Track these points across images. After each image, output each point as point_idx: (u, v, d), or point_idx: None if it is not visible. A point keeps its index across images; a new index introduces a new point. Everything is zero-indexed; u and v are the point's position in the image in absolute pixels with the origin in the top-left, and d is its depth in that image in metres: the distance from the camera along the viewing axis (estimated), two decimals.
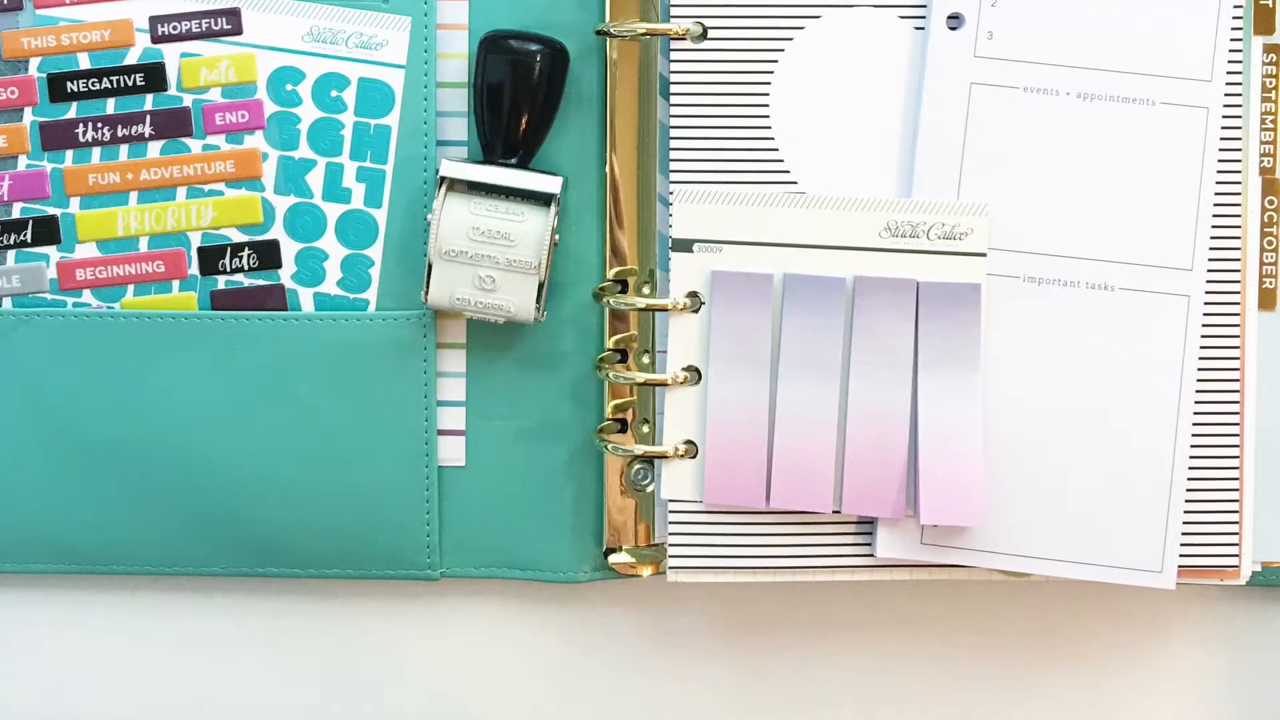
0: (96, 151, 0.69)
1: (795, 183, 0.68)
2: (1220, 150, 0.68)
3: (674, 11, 0.68)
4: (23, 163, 0.69)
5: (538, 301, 0.67)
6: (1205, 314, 0.68)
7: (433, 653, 0.72)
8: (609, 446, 0.69)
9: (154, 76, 0.69)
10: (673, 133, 0.68)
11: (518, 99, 0.67)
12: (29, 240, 0.69)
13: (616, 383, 0.69)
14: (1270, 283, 0.69)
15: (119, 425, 0.68)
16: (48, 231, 0.69)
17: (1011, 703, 0.73)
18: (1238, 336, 0.68)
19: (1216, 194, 0.68)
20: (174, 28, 0.68)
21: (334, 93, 0.69)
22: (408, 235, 0.69)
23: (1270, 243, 0.69)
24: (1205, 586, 0.72)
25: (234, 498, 0.69)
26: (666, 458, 0.69)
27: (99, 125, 0.68)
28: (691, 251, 0.68)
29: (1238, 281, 0.68)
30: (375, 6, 0.69)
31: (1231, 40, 0.68)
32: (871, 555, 0.69)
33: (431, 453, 0.69)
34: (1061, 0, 0.67)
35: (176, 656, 0.72)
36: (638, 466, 0.70)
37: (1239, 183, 0.68)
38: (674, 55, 0.68)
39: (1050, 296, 0.68)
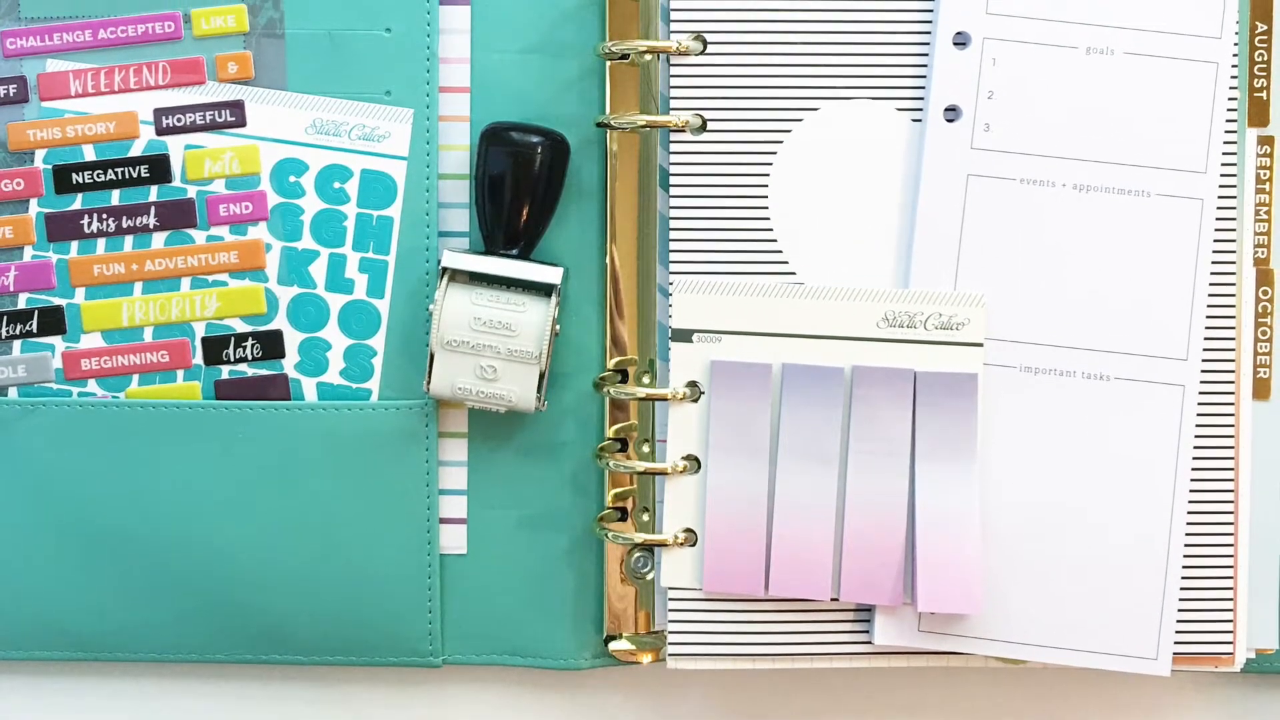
0: (101, 242, 0.69)
1: (794, 273, 0.69)
2: (1215, 241, 0.68)
3: (673, 104, 0.69)
4: (28, 253, 0.69)
5: (539, 391, 0.68)
6: (1200, 403, 0.68)
7: None
8: (609, 535, 0.70)
9: (159, 168, 0.69)
10: (672, 224, 0.69)
11: (519, 190, 0.68)
12: (35, 330, 0.69)
13: (617, 471, 0.70)
14: (1265, 372, 0.70)
15: (124, 513, 0.69)
16: (53, 322, 0.69)
17: None
18: (1232, 425, 0.69)
19: (1211, 284, 0.68)
20: (178, 120, 0.69)
21: (337, 184, 0.69)
22: (410, 325, 0.70)
23: (1264, 333, 0.70)
24: (1201, 674, 0.72)
25: (238, 585, 0.69)
26: (666, 546, 0.69)
27: (104, 216, 0.69)
28: (691, 341, 0.69)
29: (1232, 371, 0.69)
30: (378, 99, 0.69)
31: (1226, 132, 0.68)
32: (869, 642, 0.69)
33: (433, 541, 0.70)
34: (1057, 93, 0.68)
35: None
36: (638, 554, 0.70)
37: (1233, 273, 0.69)
38: (674, 147, 0.69)
39: (1046, 386, 0.68)
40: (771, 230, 0.69)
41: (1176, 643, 0.68)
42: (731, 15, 0.69)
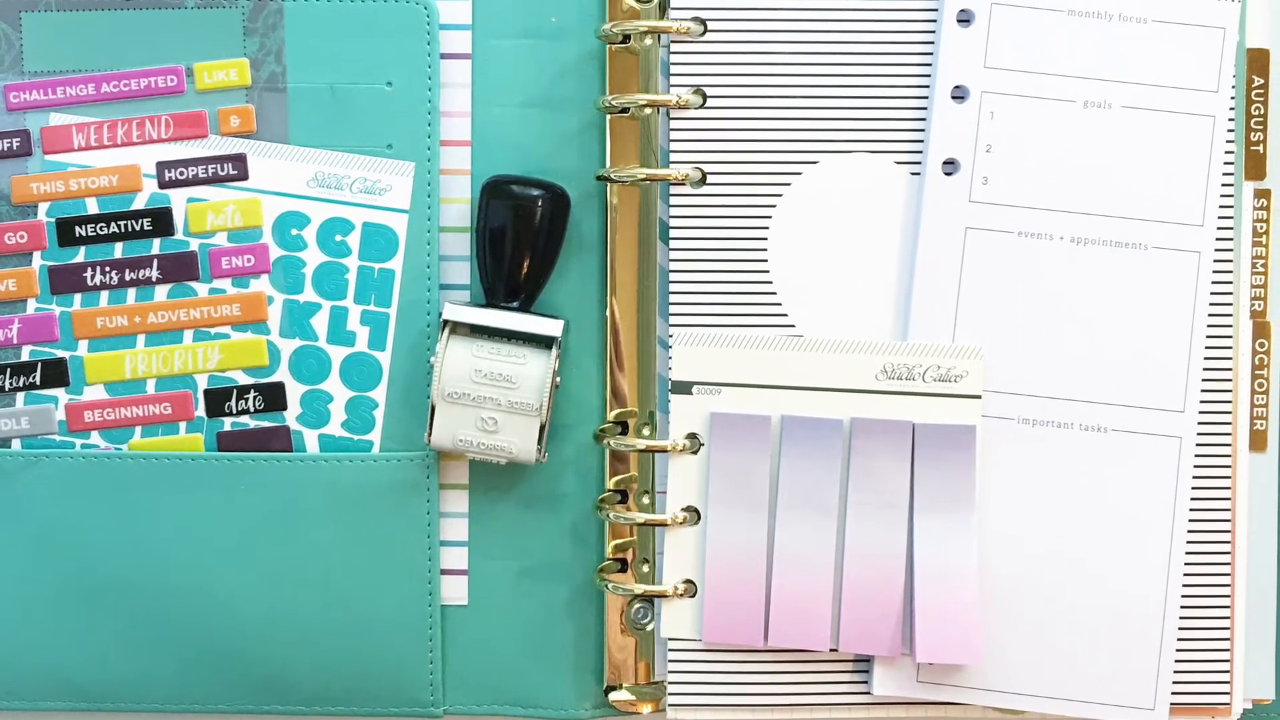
0: (104, 295, 0.70)
1: (793, 326, 0.69)
2: (1211, 294, 0.69)
3: (673, 158, 0.69)
4: (32, 306, 0.70)
5: (539, 443, 0.68)
6: (1197, 455, 0.69)
7: None
8: (609, 586, 0.70)
9: (161, 221, 0.70)
10: (672, 276, 0.69)
11: (519, 243, 0.69)
12: (38, 382, 0.70)
13: (617, 523, 0.70)
14: (1261, 424, 0.70)
15: (126, 564, 0.69)
16: (56, 374, 0.70)
17: None
18: (1229, 477, 0.69)
19: (1208, 337, 0.69)
20: (181, 173, 0.70)
21: (338, 237, 0.70)
22: (411, 378, 0.70)
23: (1261, 385, 0.70)
24: None
25: (240, 636, 0.70)
26: (666, 597, 0.69)
27: (107, 269, 0.70)
28: (691, 394, 0.69)
29: (1229, 423, 0.69)
30: (379, 152, 0.70)
31: (1222, 185, 0.69)
32: (868, 693, 0.70)
33: (435, 592, 0.70)
34: (1055, 146, 0.68)
35: None
36: (638, 605, 0.70)
37: (1230, 325, 0.69)
38: (673, 200, 0.69)
39: (1044, 438, 0.69)
40: (771, 283, 0.69)
41: (1174, 693, 0.69)
42: (731, 69, 0.69)
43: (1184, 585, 0.69)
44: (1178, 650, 0.69)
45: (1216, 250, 0.69)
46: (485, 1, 0.70)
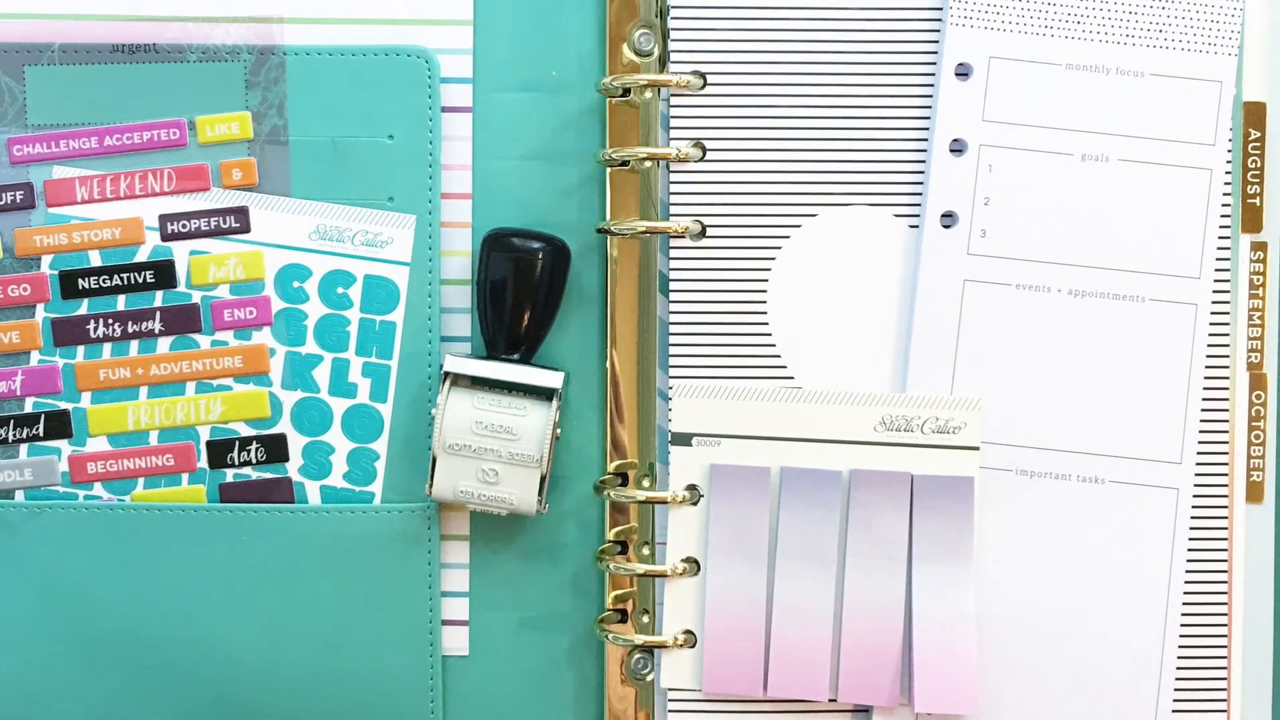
0: (107, 347, 0.70)
1: (792, 378, 0.70)
2: (1208, 345, 0.69)
3: (673, 210, 0.70)
4: (35, 358, 0.70)
5: (540, 494, 0.69)
6: (1194, 507, 0.69)
7: None
8: (609, 636, 0.70)
9: (164, 274, 0.70)
10: (672, 329, 0.70)
11: (520, 296, 0.69)
12: (41, 434, 0.70)
13: (617, 574, 0.70)
14: (1258, 475, 0.71)
15: (129, 616, 0.70)
16: (59, 425, 0.70)
17: None
18: (1226, 529, 0.70)
19: (1205, 388, 0.69)
20: (183, 226, 0.70)
21: (340, 289, 0.70)
22: (412, 429, 0.70)
23: (1258, 436, 0.71)
24: None
25: (242, 687, 0.70)
26: (666, 647, 0.70)
27: (110, 321, 0.70)
28: (690, 445, 0.69)
29: (1226, 474, 0.70)
30: (380, 205, 0.70)
31: (1219, 238, 0.69)
32: None
33: (436, 643, 0.70)
34: (1053, 199, 0.69)
35: None
36: (638, 656, 0.71)
37: (1227, 377, 0.70)
38: (673, 253, 0.70)
39: (1042, 489, 0.69)
40: (770, 335, 0.70)
41: None
42: (730, 123, 0.69)
43: (1181, 636, 0.69)
44: (1175, 701, 0.69)
45: (1213, 303, 0.69)
46: (486, 55, 0.71)
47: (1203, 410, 0.69)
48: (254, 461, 0.70)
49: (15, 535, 0.70)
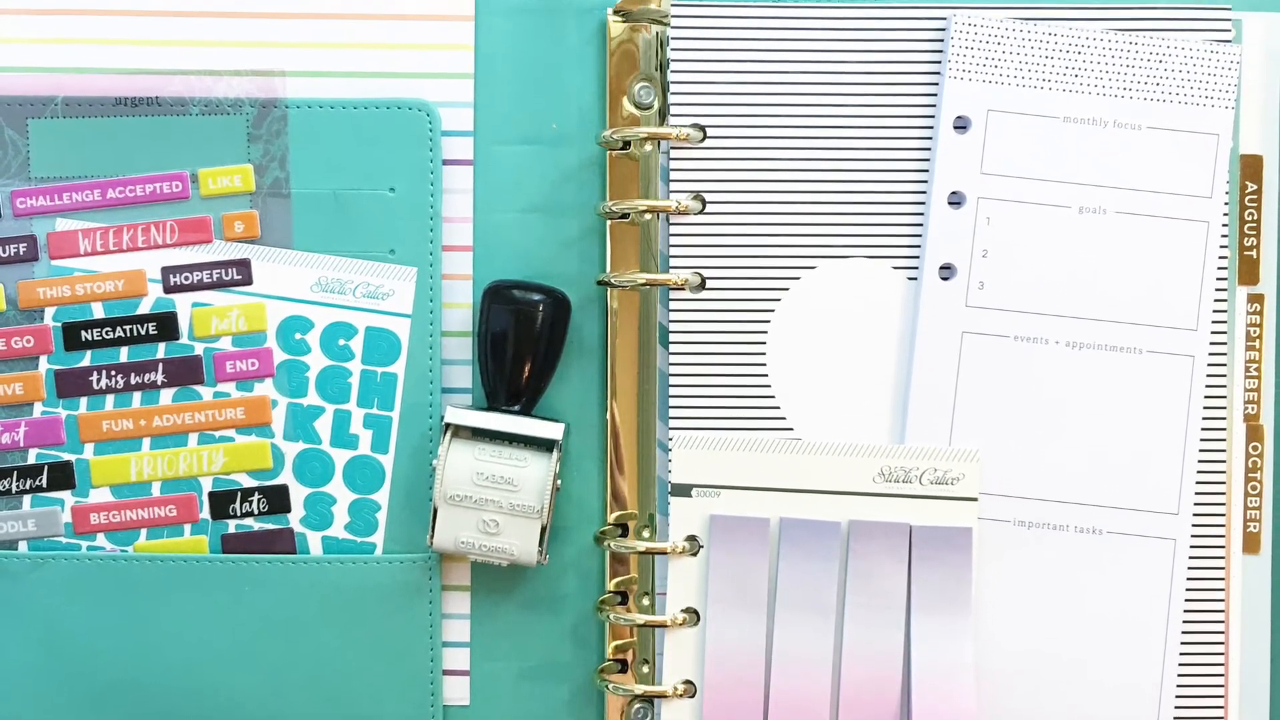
0: (110, 399, 0.70)
1: (791, 429, 0.70)
2: (1205, 397, 0.70)
3: (673, 262, 0.70)
4: (38, 409, 0.70)
5: (540, 545, 0.69)
6: (1191, 557, 0.70)
7: None
8: (610, 686, 0.71)
9: (166, 326, 0.70)
10: (672, 380, 0.70)
11: (520, 347, 0.69)
12: (44, 485, 0.70)
13: (617, 624, 0.71)
14: (1255, 526, 0.71)
15: (132, 665, 0.70)
16: (63, 477, 0.70)
17: None
18: (1223, 579, 0.70)
19: (1202, 440, 0.70)
20: (186, 278, 0.70)
21: (341, 341, 0.71)
22: (413, 480, 0.71)
23: (1254, 487, 0.71)
24: None
25: None
26: (666, 697, 0.70)
27: (113, 373, 0.70)
28: (690, 496, 0.70)
29: (1223, 525, 0.70)
30: (382, 258, 0.70)
31: (1216, 290, 0.69)
32: None
33: (437, 693, 0.71)
34: (1050, 251, 0.69)
35: None
36: (638, 706, 0.71)
37: (1224, 429, 0.70)
38: (673, 305, 0.70)
39: (1040, 540, 0.69)
40: (769, 386, 0.70)
41: None
42: (729, 175, 0.70)
43: (1179, 686, 0.70)
44: None
45: (1210, 354, 0.70)
46: (487, 108, 0.71)
47: (1200, 461, 0.70)
48: (256, 512, 0.71)
49: (19, 585, 0.70)
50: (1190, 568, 0.70)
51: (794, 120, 0.70)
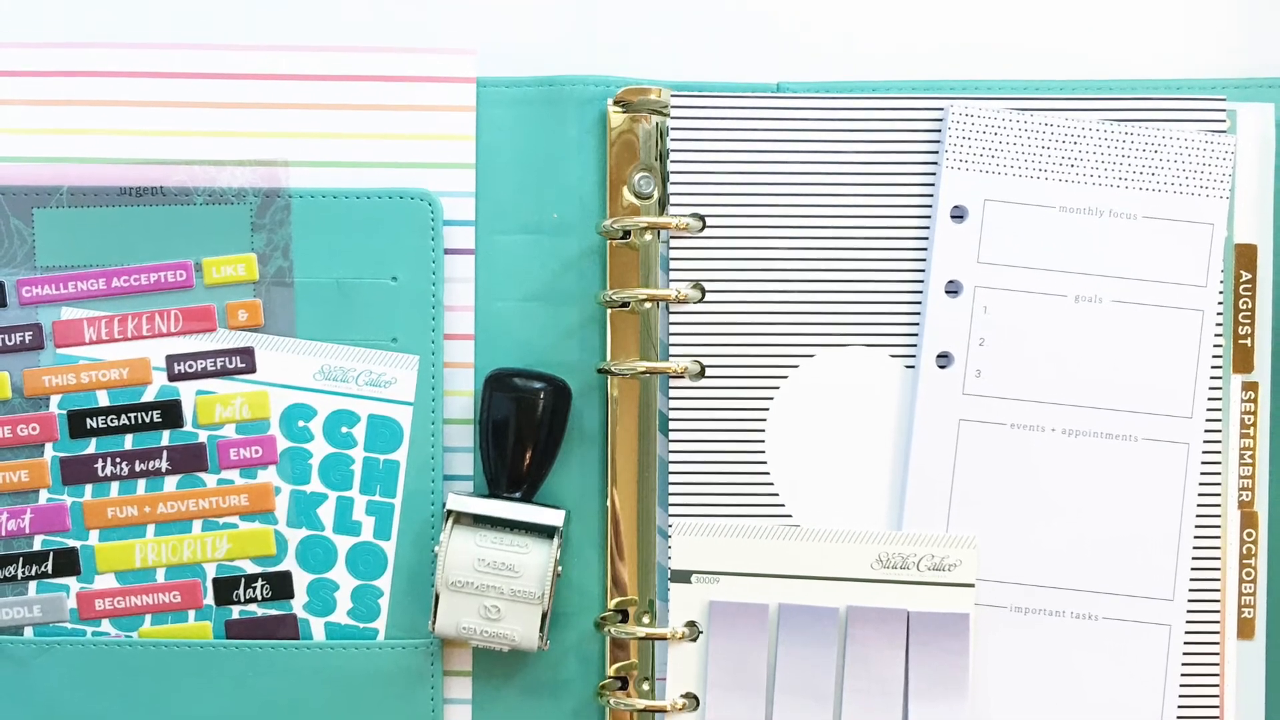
0: (115, 486, 0.71)
1: (790, 516, 0.71)
2: (1200, 484, 0.70)
3: (672, 351, 0.71)
4: (44, 496, 0.71)
5: (541, 630, 0.70)
6: (1186, 642, 0.70)
7: None
8: None
9: (171, 414, 0.71)
10: (672, 468, 0.71)
11: (522, 435, 0.70)
12: (50, 571, 0.71)
13: (618, 709, 0.71)
14: (1249, 612, 0.72)
15: None
16: (68, 563, 0.71)
17: None
18: (1218, 664, 0.71)
19: (1197, 526, 0.70)
20: (190, 366, 0.71)
21: (344, 429, 0.71)
22: (416, 566, 0.71)
23: (1249, 574, 0.72)
24: None
25: None
26: None
27: (117, 460, 0.71)
28: (690, 582, 0.70)
29: (1218, 611, 0.71)
30: (384, 346, 0.71)
31: (1211, 378, 0.70)
32: None
33: None
34: (1047, 340, 0.70)
35: None
36: None
37: (1219, 515, 0.71)
38: (673, 393, 0.71)
39: (1036, 626, 0.70)
40: (768, 474, 0.71)
41: None
42: (729, 265, 0.70)
43: None
44: None
45: (1205, 442, 0.70)
46: (488, 198, 0.72)
47: (1195, 547, 0.70)
48: (259, 598, 0.71)
49: (24, 671, 0.71)
50: (1185, 653, 0.70)
51: (792, 209, 0.71)
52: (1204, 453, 0.70)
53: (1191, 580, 0.70)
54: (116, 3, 0.75)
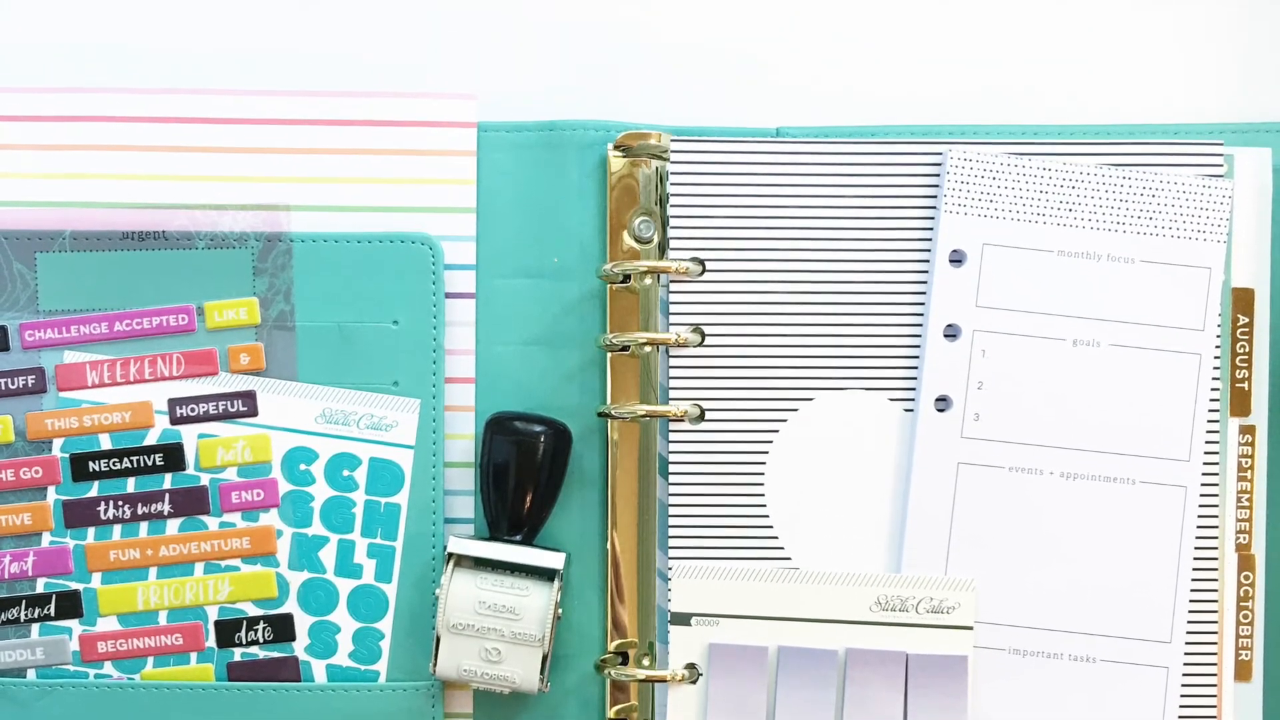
0: (117, 529, 0.71)
1: (789, 558, 0.71)
2: (1198, 527, 0.70)
3: (672, 394, 0.71)
4: (46, 539, 0.71)
5: (542, 672, 0.70)
6: (1184, 685, 0.70)
7: None
8: None
9: (173, 457, 0.71)
10: (671, 510, 0.71)
11: (522, 478, 0.70)
12: (52, 614, 0.71)
13: None
14: (1246, 654, 0.72)
15: None
16: (70, 606, 0.71)
17: None
18: (1215, 706, 0.71)
19: (1194, 569, 0.71)
20: (192, 410, 0.71)
21: (346, 472, 0.71)
22: (417, 609, 0.72)
23: (1246, 616, 0.72)
24: None
25: None
26: None
27: (120, 504, 0.71)
28: (690, 625, 0.71)
29: (1215, 653, 0.71)
30: (385, 389, 0.71)
31: (1208, 421, 0.70)
32: None
33: None
34: (1045, 383, 0.70)
35: None
36: None
37: (1216, 558, 0.71)
38: (673, 436, 0.71)
39: (1034, 668, 0.70)
40: (768, 516, 0.71)
41: None
42: (728, 308, 0.71)
43: None
44: None
45: (1203, 485, 0.71)
46: (489, 242, 0.72)
47: (1192, 590, 0.71)
48: (261, 641, 0.72)
49: (27, 713, 0.71)
50: (1183, 695, 0.71)
51: (792, 253, 0.71)
52: (1201, 496, 0.71)
53: (1189, 623, 0.71)
54: (119, 49, 0.75)
